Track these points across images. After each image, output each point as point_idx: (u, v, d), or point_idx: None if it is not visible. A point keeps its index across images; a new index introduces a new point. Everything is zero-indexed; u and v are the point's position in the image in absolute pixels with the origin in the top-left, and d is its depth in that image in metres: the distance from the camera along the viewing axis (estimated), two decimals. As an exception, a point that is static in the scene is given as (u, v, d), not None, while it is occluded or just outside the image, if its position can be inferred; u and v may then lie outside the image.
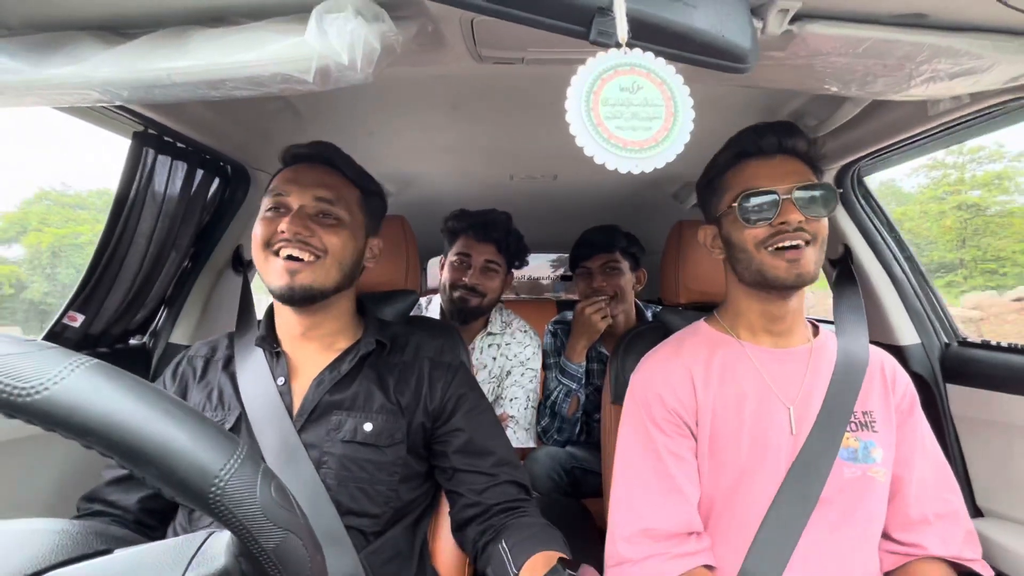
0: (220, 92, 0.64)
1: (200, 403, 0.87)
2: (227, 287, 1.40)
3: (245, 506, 0.35)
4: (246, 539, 0.36)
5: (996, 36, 0.65)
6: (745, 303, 0.93)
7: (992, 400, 1.09)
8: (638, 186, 1.76)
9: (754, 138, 0.88)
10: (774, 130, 0.87)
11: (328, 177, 0.89)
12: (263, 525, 0.36)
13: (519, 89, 1.07)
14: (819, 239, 0.84)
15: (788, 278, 0.83)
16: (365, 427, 0.84)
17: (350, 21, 0.55)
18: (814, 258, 0.84)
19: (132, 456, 0.34)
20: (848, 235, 1.26)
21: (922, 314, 1.26)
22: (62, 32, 0.63)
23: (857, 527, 0.83)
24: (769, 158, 0.87)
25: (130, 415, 0.34)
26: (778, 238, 0.83)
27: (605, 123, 0.51)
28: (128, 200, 1.06)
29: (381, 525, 0.83)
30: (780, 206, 0.83)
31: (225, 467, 0.35)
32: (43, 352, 0.34)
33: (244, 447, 0.38)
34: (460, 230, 1.62)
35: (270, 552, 0.36)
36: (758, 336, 0.93)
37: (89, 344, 1.17)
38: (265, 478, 0.37)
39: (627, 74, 0.52)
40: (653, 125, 0.52)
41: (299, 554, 0.38)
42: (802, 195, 0.82)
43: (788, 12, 0.60)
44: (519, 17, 0.53)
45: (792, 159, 0.87)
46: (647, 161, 0.52)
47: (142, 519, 0.83)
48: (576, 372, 1.61)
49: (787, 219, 0.82)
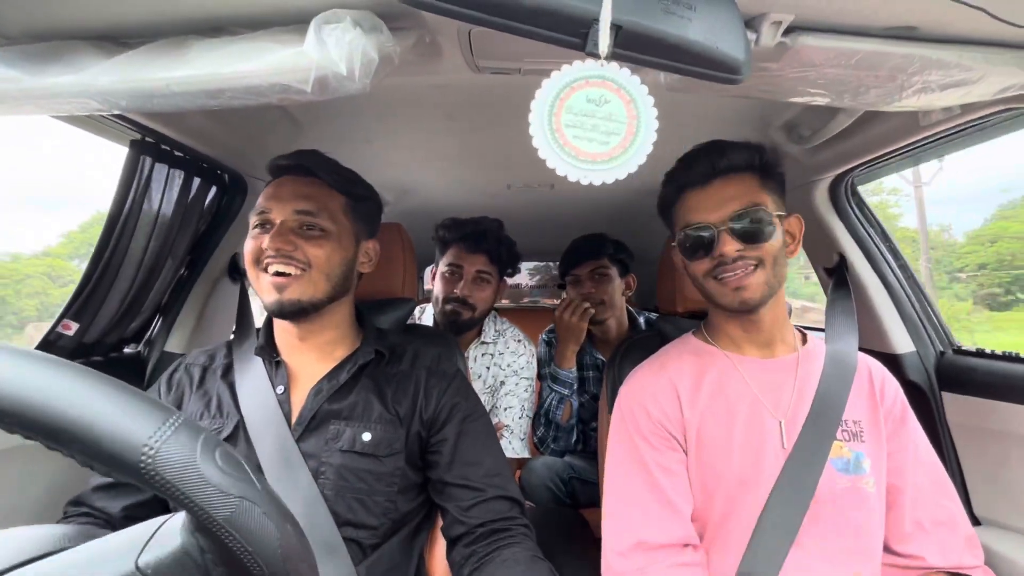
0: (219, 101, 0.64)
1: (198, 411, 0.87)
2: (223, 296, 1.40)
3: (185, 475, 0.33)
4: (195, 511, 0.34)
5: (986, 48, 0.66)
6: (722, 318, 0.94)
7: (988, 408, 1.09)
8: (634, 195, 1.77)
9: (685, 169, 0.89)
10: (706, 154, 0.87)
11: (308, 188, 0.88)
12: (210, 494, 0.34)
13: (516, 99, 1.08)
14: (767, 261, 0.83)
15: (733, 304, 0.85)
16: (364, 437, 0.84)
17: (348, 32, 0.56)
18: (762, 280, 0.83)
19: (53, 435, 0.33)
20: (843, 244, 1.27)
21: (917, 322, 1.27)
22: (61, 41, 0.63)
23: (850, 539, 0.82)
24: (704, 187, 0.86)
25: (45, 392, 0.33)
26: (719, 269, 0.84)
27: (564, 130, 0.52)
28: (125, 208, 1.06)
29: (379, 537, 0.82)
30: (717, 238, 0.83)
31: (155, 435, 0.34)
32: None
33: (181, 417, 0.36)
34: (451, 240, 1.60)
35: (223, 522, 0.34)
36: (743, 348, 0.93)
37: (83, 353, 1.16)
38: (207, 444, 0.35)
39: (597, 86, 0.52)
40: (611, 140, 0.53)
41: (260, 523, 0.35)
42: (736, 226, 0.82)
43: (781, 24, 0.61)
44: (516, 28, 0.53)
45: (731, 180, 0.85)
46: (597, 174, 0.53)
47: (127, 526, 0.82)
48: (567, 378, 1.61)
49: (723, 252, 0.83)
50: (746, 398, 0.88)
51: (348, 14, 0.57)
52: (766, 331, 0.91)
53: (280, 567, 0.36)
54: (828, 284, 1.24)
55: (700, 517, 0.86)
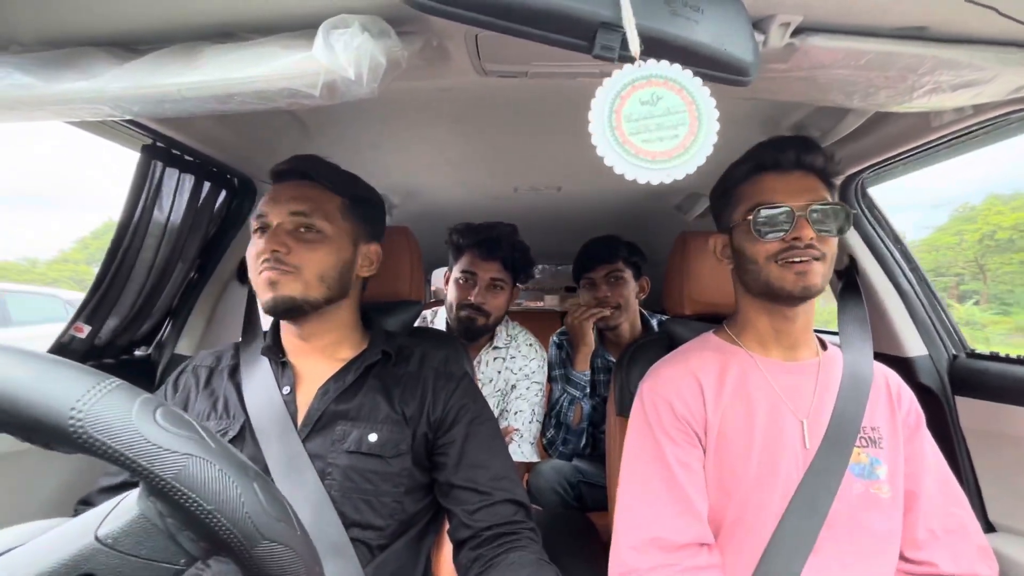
0: (228, 106, 0.65)
1: (204, 411, 0.87)
2: (232, 298, 1.41)
3: (121, 435, 0.32)
4: (139, 471, 0.33)
5: (998, 48, 0.65)
6: (754, 314, 0.93)
7: (1002, 412, 1.08)
8: (642, 197, 1.77)
9: (773, 152, 0.88)
10: (794, 145, 0.87)
11: (304, 190, 0.89)
12: (152, 452, 0.33)
13: (523, 102, 1.08)
14: (829, 256, 0.85)
15: (795, 290, 0.84)
16: (370, 438, 0.84)
17: (356, 36, 0.56)
18: (822, 272, 0.84)
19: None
20: (853, 247, 1.26)
21: (929, 326, 1.25)
22: (74, 48, 0.64)
23: (865, 545, 0.82)
24: (786, 173, 0.87)
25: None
26: (789, 253, 0.84)
27: (631, 139, 0.51)
28: (136, 212, 1.07)
29: (386, 538, 0.82)
30: (794, 222, 0.83)
31: (85, 396, 0.33)
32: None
33: (116, 382, 0.35)
34: (465, 246, 1.59)
35: (171, 481, 0.33)
36: (768, 348, 0.93)
37: (95, 355, 1.17)
38: (146, 405, 0.34)
39: (645, 87, 0.52)
40: (680, 132, 0.52)
41: (217, 480, 0.34)
42: (817, 213, 0.83)
43: (790, 25, 0.61)
44: (523, 32, 0.53)
45: (809, 175, 0.87)
46: (678, 169, 0.52)
47: None
48: (580, 380, 1.61)
49: (800, 235, 0.82)
50: (768, 398, 0.88)
51: (356, 19, 0.57)
52: (797, 331, 0.91)
53: (248, 525, 0.35)
54: (838, 287, 1.23)
55: (715, 517, 0.85)
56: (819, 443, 0.84)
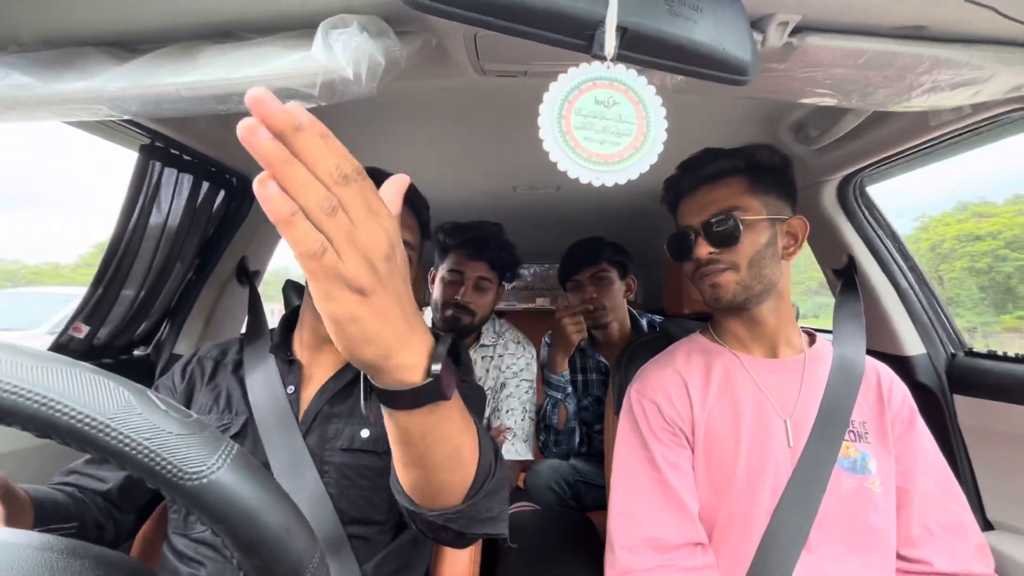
0: (227, 106, 0.65)
1: (207, 405, 0.87)
2: (231, 299, 1.41)
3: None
4: None
5: (996, 47, 0.65)
6: (724, 317, 0.97)
7: (1001, 411, 1.08)
8: (640, 197, 1.77)
9: (678, 179, 0.95)
10: (694, 164, 0.93)
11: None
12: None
13: (522, 101, 1.08)
14: (741, 264, 0.87)
15: (710, 301, 0.91)
16: (362, 434, 0.84)
17: (355, 36, 0.56)
18: (735, 280, 0.88)
19: (247, 547, 0.34)
20: (851, 245, 1.26)
21: (927, 324, 1.25)
22: (73, 48, 0.64)
23: (859, 541, 0.82)
24: (692, 194, 0.92)
25: (258, 509, 0.34)
26: (699, 271, 0.91)
27: (574, 132, 0.52)
28: (134, 212, 1.07)
29: (387, 533, 0.82)
30: (694, 242, 0.89)
31: (311, 563, 0.36)
32: (203, 435, 0.35)
33: (319, 544, 0.38)
34: (452, 246, 1.59)
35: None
36: (748, 347, 0.94)
37: (94, 355, 1.17)
38: (323, 561, 0.38)
39: (605, 88, 0.52)
40: (622, 141, 0.53)
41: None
42: (710, 228, 0.88)
43: (788, 25, 0.61)
44: (522, 32, 0.53)
45: (717, 185, 0.90)
46: (609, 175, 0.53)
47: (115, 498, 0.82)
48: (558, 382, 1.60)
49: (697, 255, 0.89)
50: (752, 396, 0.88)
51: (355, 19, 0.57)
52: (770, 332, 0.93)
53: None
54: (836, 285, 1.23)
55: (707, 517, 0.85)
56: (805, 440, 0.84)
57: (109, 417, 0.33)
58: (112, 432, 0.32)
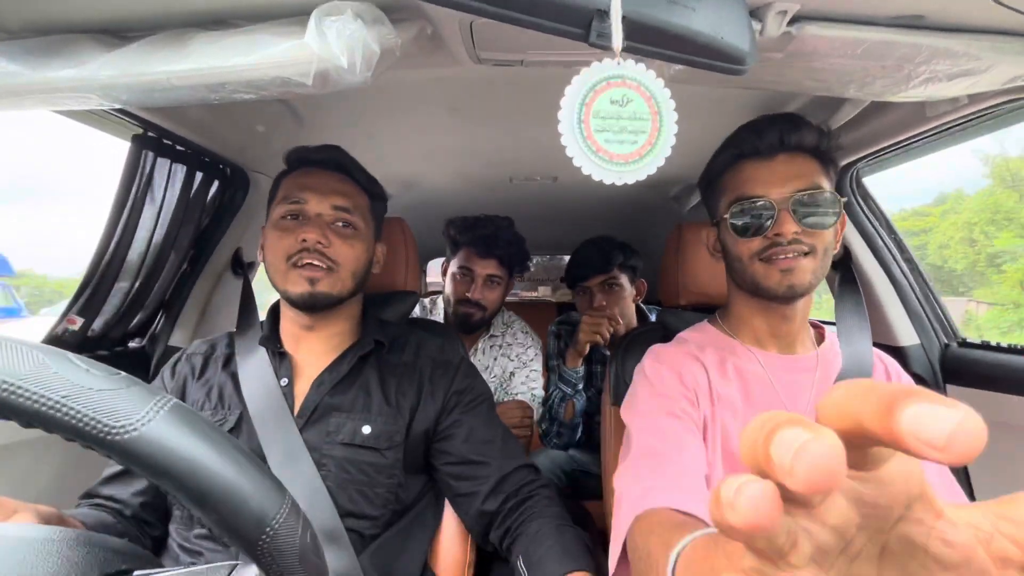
0: (220, 95, 0.64)
1: (199, 401, 0.87)
2: (226, 290, 1.40)
3: (287, 554, 0.36)
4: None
5: (994, 37, 0.65)
6: (747, 310, 0.88)
7: (993, 401, 1.09)
8: (638, 188, 1.77)
9: (752, 137, 0.80)
10: (775, 125, 0.79)
11: (342, 184, 0.90)
12: (296, 572, 0.36)
13: (518, 91, 1.07)
14: (819, 250, 0.78)
15: (779, 289, 0.78)
16: (364, 430, 0.84)
17: (349, 24, 0.56)
18: (811, 268, 0.78)
19: (199, 500, 0.34)
20: (847, 236, 1.26)
21: (921, 315, 1.26)
22: (62, 35, 0.63)
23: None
24: (768, 159, 0.79)
25: (204, 460, 0.34)
26: (773, 250, 0.77)
27: (595, 136, 0.52)
28: (127, 203, 1.06)
29: (379, 527, 0.83)
30: (776, 216, 0.76)
31: (277, 515, 0.36)
32: (132, 389, 0.34)
33: (289, 496, 0.38)
34: (462, 243, 1.61)
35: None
36: (763, 342, 0.88)
37: (89, 347, 1.16)
38: (305, 526, 0.37)
39: (619, 86, 0.52)
40: (639, 139, 0.52)
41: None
42: (802, 203, 0.76)
43: (787, 14, 0.61)
44: (518, 19, 0.53)
45: (797, 158, 0.79)
46: (630, 174, 0.53)
47: (140, 514, 0.83)
48: (572, 377, 1.60)
49: (781, 231, 0.76)
50: (766, 394, 0.84)
51: (349, 6, 0.56)
52: (794, 329, 0.85)
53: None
54: (834, 278, 1.24)
55: None
56: None
57: (20, 378, 0.32)
58: (25, 392, 0.32)
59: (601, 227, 1.86)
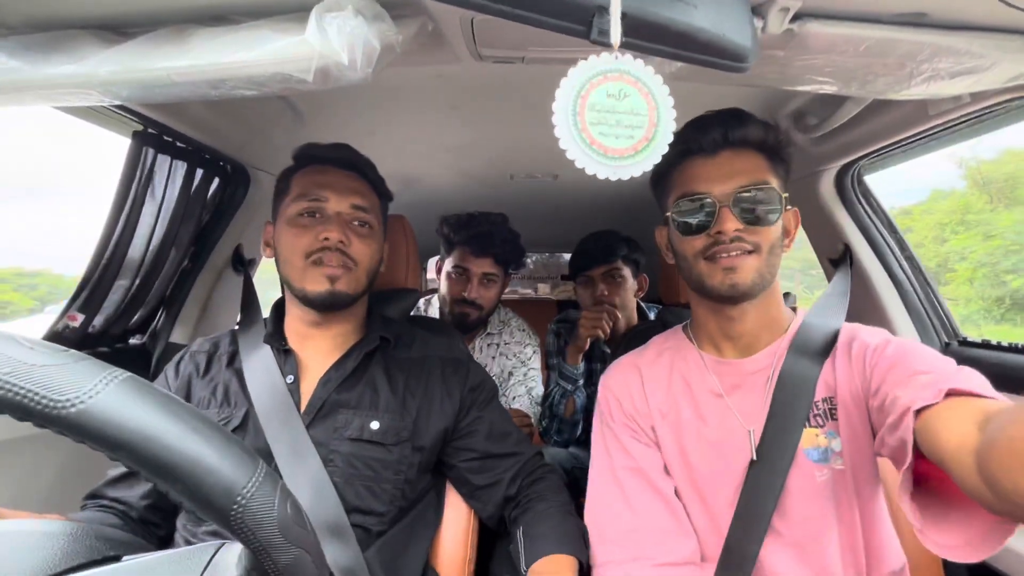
0: (220, 92, 0.64)
1: (204, 399, 0.87)
2: (227, 286, 1.40)
3: (264, 524, 0.35)
4: (261, 556, 0.36)
5: (997, 35, 0.65)
6: (701, 312, 0.86)
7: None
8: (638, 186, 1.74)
9: (696, 134, 0.78)
10: (719, 122, 0.78)
11: (359, 183, 0.91)
12: (279, 543, 0.36)
13: (519, 88, 1.07)
14: (764, 248, 0.75)
15: (722, 288, 0.76)
16: (372, 426, 0.84)
17: (350, 20, 0.55)
18: (755, 267, 0.75)
19: (161, 472, 0.33)
20: (848, 234, 1.26)
21: (922, 313, 1.26)
22: (62, 31, 0.63)
23: (844, 529, 0.75)
24: (712, 156, 0.78)
25: (161, 431, 0.33)
26: (715, 249, 0.76)
27: (589, 129, 0.52)
28: (128, 200, 1.06)
29: (386, 524, 0.83)
30: (717, 213, 0.75)
31: (248, 485, 0.35)
32: (79, 364, 0.34)
33: (263, 465, 0.37)
34: (456, 242, 1.59)
35: (282, 569, 0.36)
36: (719, 345, 0.85)
37: (89, 343, 1.17)
38: (283, 495, 0.37)
39: (616, 80, 0.52)
40: (635, 134, 0.52)
41: (308, 571, 0.38)
42: (742, 201, 0.74)
43: (789, 11, 0.60)
44: (519, 16, 0.53)
45: (742, 154, 0.77)
46: (625, 169, 0.53)
47: (146, 516, 0.83)
48: (572, 374, 1.60)
49: (723, 228, 0.74)
50: (715, 402, 0.82)
51: (350, 2, 0.56)
52: (748, 332, 0.82)
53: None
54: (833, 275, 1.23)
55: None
56: (760, 439, 0.76)
57: None
58: None
59: (602, 225, 1.85)
